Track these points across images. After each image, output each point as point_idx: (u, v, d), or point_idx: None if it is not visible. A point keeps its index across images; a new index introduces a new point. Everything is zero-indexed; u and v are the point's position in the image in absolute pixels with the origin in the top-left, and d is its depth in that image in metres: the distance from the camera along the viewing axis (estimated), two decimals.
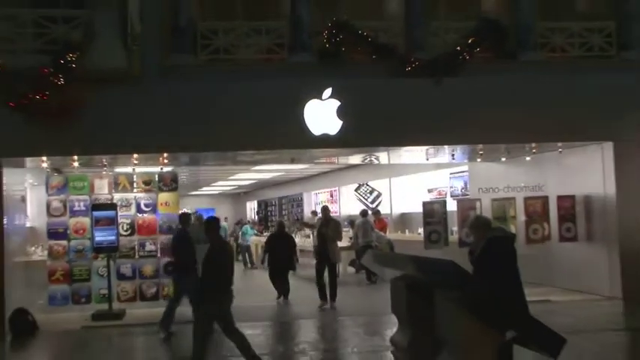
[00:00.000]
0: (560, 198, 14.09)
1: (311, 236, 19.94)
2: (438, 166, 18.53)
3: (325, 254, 14.13)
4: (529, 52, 13.33)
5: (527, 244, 13.60)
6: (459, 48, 12.88)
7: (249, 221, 29.09)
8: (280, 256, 15.36)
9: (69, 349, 10.98)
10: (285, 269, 15.27)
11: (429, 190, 20.38)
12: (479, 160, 15.80)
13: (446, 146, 14.24)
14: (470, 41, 12.91)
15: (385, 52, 12.79)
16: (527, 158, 15.01)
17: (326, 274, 14.13)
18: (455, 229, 14.85)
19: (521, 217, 14.02)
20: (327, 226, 14.24)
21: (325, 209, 15.09)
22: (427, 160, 16.68)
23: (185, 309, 11.58)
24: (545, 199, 14.16)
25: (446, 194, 19.28)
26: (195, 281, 11.08)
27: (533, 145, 14.00)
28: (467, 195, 17.19)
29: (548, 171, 14.94)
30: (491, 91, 12.83)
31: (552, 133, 13.13)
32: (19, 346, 11.10)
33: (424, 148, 14.35)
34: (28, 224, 14.68)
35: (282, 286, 15.10)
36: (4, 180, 12.11)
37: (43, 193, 13.71)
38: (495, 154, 15.32)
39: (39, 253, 14.83)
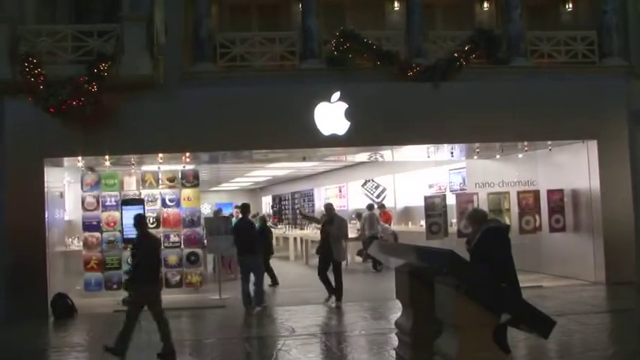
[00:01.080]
0: (550, 192, 14.10)
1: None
2: (438, 163, 18.44)
3: (329, 253, 12.37)
4: (520, 58, 13.41)
5: (521, 235, 13.58)
6: (455, 55, 12.97)
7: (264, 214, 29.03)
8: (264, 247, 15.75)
9: (104, 330, 11.04)
10: (266, 258, 15.58)
11: (430, 186, 20.24)
12: (476, 157, 15.81)
13: (445, 145, 14.27)
14: (466, 48, 13.00)
15: (388, 59, 12.88)
16: (520, 155, 15.03)
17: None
18: (454, 221, 14.81)
19: (515, 210, 14.00)
20: (331, 224, 12.51)
21: (329, 207, 13.17)
22: (428, 157, 16.67)
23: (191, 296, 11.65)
24: (536, 193, 14.16)
25: (445, 189, 19.17)
26: (259, 262, 12.25)
27: (525, 143, 14.03)
28: (465, 189, 17.08)
29: (539, 167, 14.96)
30: (486, 94, 12.92)
31: (542, 132, 13.21)
32: (61, 327, 11.25)
33: (425, 146, 14.39)
34: (66, 218, 14.78)
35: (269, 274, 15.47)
36: (46, 178, 12.24)
37: (79, 190, 13.82)
38: (491, 151, 15.34)
39: (75, 244, 14.94)
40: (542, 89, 13.07)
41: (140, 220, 9.01)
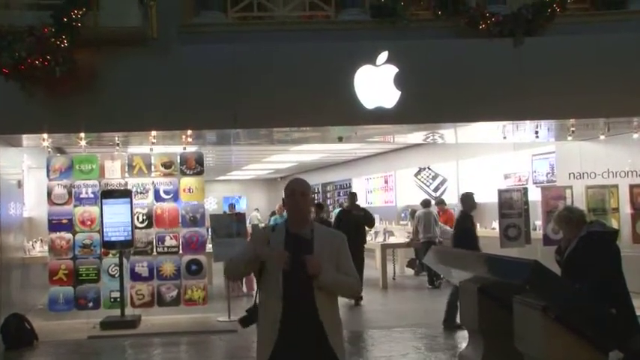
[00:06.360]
0: None
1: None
2: (518, 146, 18.33)
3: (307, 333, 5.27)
4: None
5: (635, 244, 13.39)
6: None
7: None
8: None
9: None
10: None
11: (506, 176, 20.18)
12: (570, 138, 15.50)
13: (528, 122, 14.03)
14: None
15: (454, 6, 12.64)
16: (636, 135, 14.60)
17: None
18: (538, 223, 14.69)
19: (626, 210, 13.82)
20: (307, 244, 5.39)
21: (295, 189, 5.45)
22: (504, 138, 16.50)
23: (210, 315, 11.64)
24: None
25: (527, 180, 19.09)
26: None
27: None
28: (554, 181, 16.98)
29: None
30: (589, 52, 12.54)
31: None
32: None
33: (500, 124, 14.18)
34: (25, 214, 14.92)
35: None
36: None
37: (44, 178, 13.91)
38: (592, 130, 15.04)
39: (38, 249, 15.07)
40: None
41: None
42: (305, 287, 5.16)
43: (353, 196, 16.91)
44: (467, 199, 13.08)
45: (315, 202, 14.07)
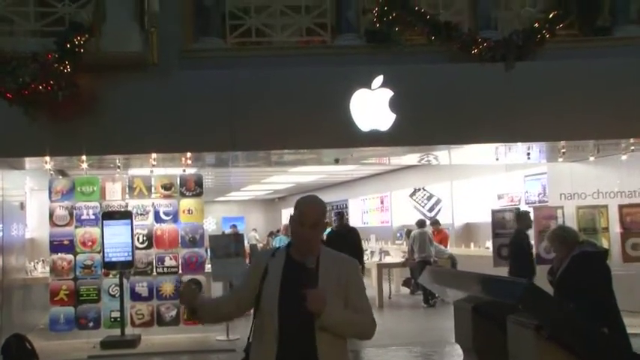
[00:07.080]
0: None
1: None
2: (510, 167, 18.35)
3: None
4: (629, 26, 12.99)
5: (625, 263, 13.36)
6: (536, 25, 12.73)
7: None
8: None
9: None
10: None
11: (499, 196, 20.18)
12: (560, 159, 15.49)
13: (519, 144, 14.05)
14: (551, 16, 12.72)
15: (447, 32, 12.66)
16: (624, 157, 14.66)
17: None
18: (531, 242, 14.67)
19: (616, 229, 13.81)
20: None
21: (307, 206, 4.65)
22: (497, 160, 16.52)
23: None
24: None
25: (520, 201, 19.09)
26: None
27: (632, 140, 13.68)
28: (545, 202, 16.98)
29: None
30: (578, 77, 12.55)
31: None
32: None
33: (493, 145, 14.20)
34: (27, 235, 14.87)
35: None
36: (1, 184, 12.28)
37: (46, 199, 13.89)
38: (582, 152, 15.05)
39: (40, 269, 15.02)
40: None
41: None
42: (305, 326, 4.30)
43: (341, 216, 16.85)
44: (524, 217, 13.02)
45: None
